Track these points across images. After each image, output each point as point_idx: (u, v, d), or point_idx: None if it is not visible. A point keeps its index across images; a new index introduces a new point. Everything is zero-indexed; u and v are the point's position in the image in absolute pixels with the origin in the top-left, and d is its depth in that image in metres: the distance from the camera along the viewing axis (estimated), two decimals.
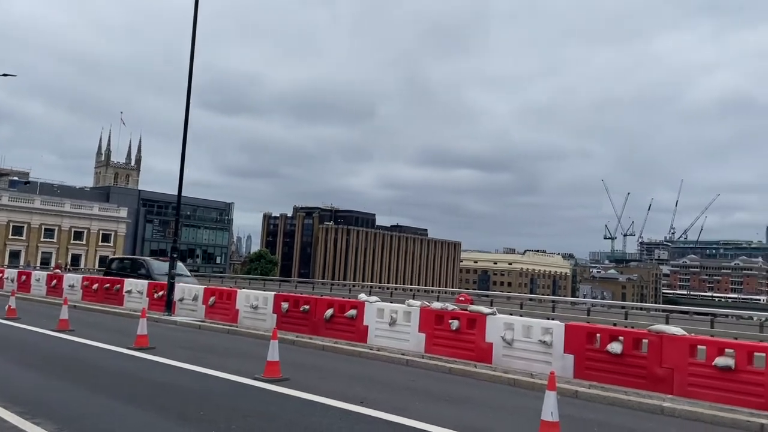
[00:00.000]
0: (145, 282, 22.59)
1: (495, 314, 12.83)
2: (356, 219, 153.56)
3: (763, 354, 9.53)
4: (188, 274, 27.95)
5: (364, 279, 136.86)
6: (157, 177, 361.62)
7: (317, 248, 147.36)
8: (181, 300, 19.96)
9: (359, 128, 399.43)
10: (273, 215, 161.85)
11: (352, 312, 14.88)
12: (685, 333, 10.58)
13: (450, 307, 13.87)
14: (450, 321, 13.11)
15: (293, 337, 15.05)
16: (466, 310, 13.59)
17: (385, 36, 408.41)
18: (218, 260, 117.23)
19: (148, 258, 29.60)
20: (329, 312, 15.34)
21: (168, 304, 19.83)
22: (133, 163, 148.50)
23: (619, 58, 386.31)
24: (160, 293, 20.72)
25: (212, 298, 18.91)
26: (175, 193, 21.59)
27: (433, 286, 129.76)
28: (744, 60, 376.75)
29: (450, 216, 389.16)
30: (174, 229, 22.22)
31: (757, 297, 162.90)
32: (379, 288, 50.49)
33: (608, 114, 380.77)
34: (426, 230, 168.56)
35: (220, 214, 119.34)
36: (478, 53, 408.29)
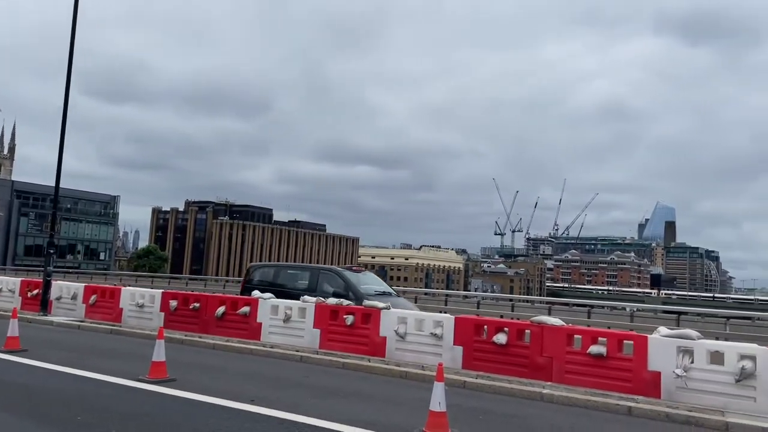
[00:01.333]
0: (17, 280, 20.87)
1: (389, 309, 13.03)
2: (253, 214, 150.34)
3: (632, 342, 10.35)
4: (394, 293, 18.37)
5: None
6: (35, 168, 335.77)
7: (211, 244, 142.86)
8: (58, 299, 18.62)
9: (257, 121, 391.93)
10: (163, 209, 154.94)
11: (246, 309, 14.55)
12: (564, 323, 11.27)
13: (345, 302, 13.93)
14: (345, 316, 13.16)
15: (182, 336, 14.49)
16: (361, 305, 13.70)
17: (284, 29, 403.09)
18: (102, 256, 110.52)
19: (339, 268, 17.77)
20: (221, 309, 14.91)
21: (44, 303, 18.43)
22: (5, 151, 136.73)
23: (509, 63, 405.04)
24: (35, 292, 19.22)
25: (93, 297, 17.80)
26: (54, 184, 20.02)
27: None
28: (620, 70, 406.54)
29: (348, 212, 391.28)
30: (51, 222, 20.68)
31: (630, 289, 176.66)
32: None
33: (499, 116, 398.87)
34: (324, 226, 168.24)
35: (104, 208, 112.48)
36: (376, 52, 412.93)
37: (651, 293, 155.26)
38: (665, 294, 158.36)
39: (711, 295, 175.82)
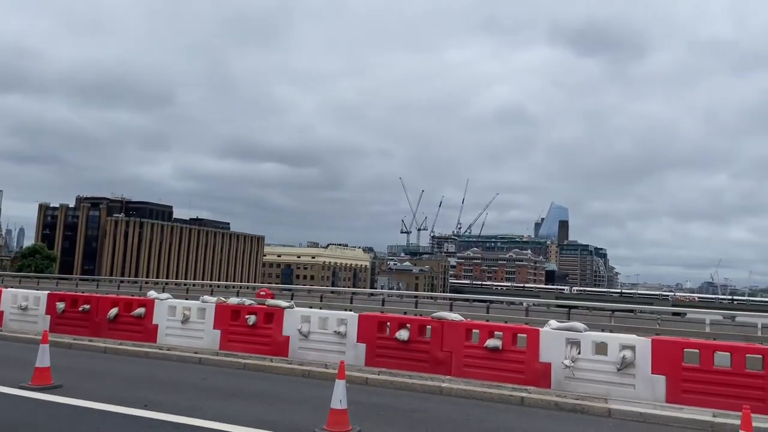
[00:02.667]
0: None
1: (293, 308, 12.91)
2: (151, 211, 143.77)
3: (525, 335, 10.86)
4: None
5: (159, 275, 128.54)
6: None
7: (105, 243, 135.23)
8: None
9: (157, 115, 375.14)
10: (52, 206, 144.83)
11: (141, 310, 13.91)
12: (463, 319, 11.64)
13: (247, 302, 13.66)
14: (247, 316, 12.89)
15: (70, 340, 13.65)
16: (264, 304, 13.49)
17: (185, 21, 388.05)
18: None
19: None
20: (114, 311, 14.16)
21: None
22: None
23: (415, 65, 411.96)
24: None
25: None
26: None
27: (235, 281, 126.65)
28: (518, 77, 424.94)
29: (254, 210, 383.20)
30: None
31: (526, 285, 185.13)
32: (175, 285, 48.06)
33: (406, 116, 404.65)
34: (228, 224, 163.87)
35: None
36: (284, 48, 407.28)
37: (563, 289, 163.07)
38: (577, 290, 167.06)
39: (618, 291, 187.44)
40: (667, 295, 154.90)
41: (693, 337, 16.69)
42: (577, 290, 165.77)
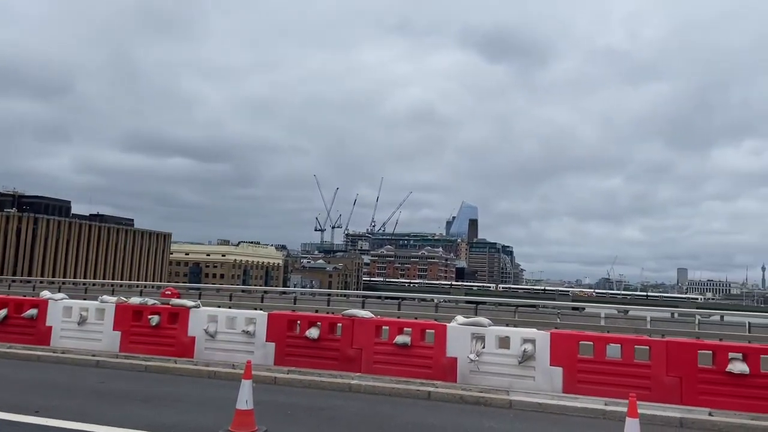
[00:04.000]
0: None
1: (199, 307, 12.54)
2: (47, 206, 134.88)
3: (433, 331, 11.11)
4: None
5: (55, 275, 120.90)
6: None
7: None
8: None
9: (55, 105, 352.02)
10: None
11: (33, 312, 13.04)
12: (373, 316, 11.74)
13: (150, 302, 13.12)
14: (150, 316, 12.39)
15: None
16: (168, 304, 13.01)
17: (87, 7, 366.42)
18: None
19: None
20: (2, 313, 13.20)
21: None
22: None
23: (329, 63, 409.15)
24: None
25: None
26: None
27: (139, 280, 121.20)
28: (431, 79, 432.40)
29: (161, 206, 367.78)
30: None
31: (438, 282, 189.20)
32: (73, 284, 45.45)
33: (320, 113, 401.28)
34: (132, 220, 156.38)
35: None
36: (193, 40, 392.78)
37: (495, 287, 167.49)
38: (502, 287, 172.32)
39: (545, 287, 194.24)
40: (568, 291, 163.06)
41: (589, 330, 17.69)
42: (503, 287, 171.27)
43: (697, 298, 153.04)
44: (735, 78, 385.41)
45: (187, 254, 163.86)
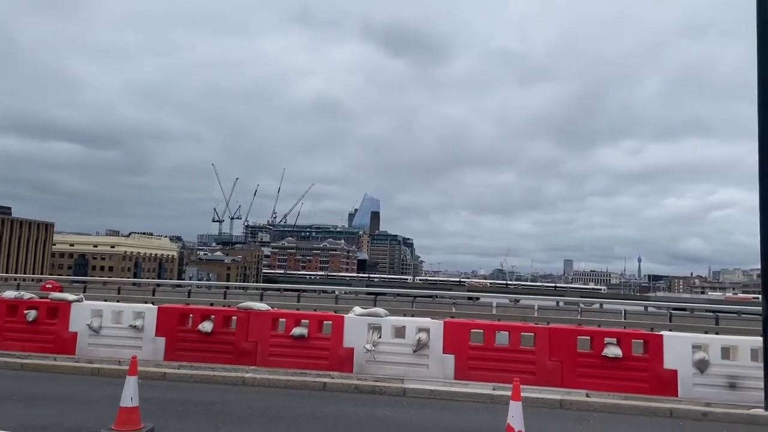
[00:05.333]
0: None
1: (82, 301, 11.83)
2: None
3: (330, 322, 11.13)
4: None
5: None
6: None
7: None
8: None
9: None
10: None
11: None
12: (270, 308, 11.58)
13: (27, 296, 12.21)
14: (26, 311, 11.56)
15: None
16: (48, 298, 12.17)
17: None
18: None
19: None
20: None
21: None
22: None
23: (228, 50, 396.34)
24: None
25: None
26: None
27: (17, 272, 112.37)
28: (332, 70, 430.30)
29: (43, 194, 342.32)
30: None
31: (339, 274, 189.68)
32: None
33: (219, 101, 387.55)
34: (9, 209, 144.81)
35: None
36: (80, 19, 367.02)
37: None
38: (421, 279, 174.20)
39: (422, 278, 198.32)
40: (464, 281, 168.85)
41: (482, 318, 18.41)
42: (420, 280, 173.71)
43: (600, 289, 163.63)
44: (616, 83, 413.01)
45: (72, 245, 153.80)
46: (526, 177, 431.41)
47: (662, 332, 10.69)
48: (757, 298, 10.08)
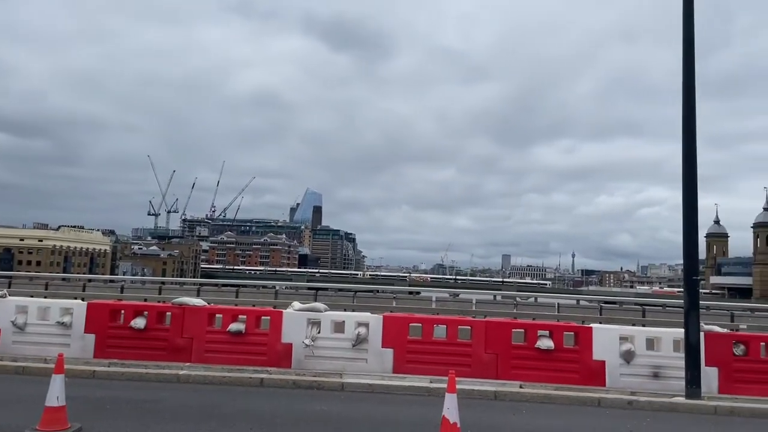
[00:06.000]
0: None
1: (5, 297, 11.29)
2: None
3: (269, 318, 11.01)
4: None
5: None
6: None
7: None
8: None
9: None
10: None
11: None
12: (206, 304, 11.35)
13: None
14: None
15: None
16: None
17: None
18: None
19: None
20: None
21: None
22: None
23: (165, 39, 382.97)
24: None
25: None
26: None
27: None
28: (273, 63, 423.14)
29: None
30: None
31: (281, 269, 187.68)
32: None
33: (155, 91, 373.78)
34: None
35: None
36: (6, 2, 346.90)
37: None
38: (371, 275, 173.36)
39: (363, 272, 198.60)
40: (405, 276, 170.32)
41: (422, 313, 18.63)
42: (370, 275, 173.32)
43: (545, 284, 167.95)
44: (552, 83, 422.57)
45: None
46: (467, 173, 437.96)
47: (592, 325, 11.11)
48: (681, 291, 10.68)
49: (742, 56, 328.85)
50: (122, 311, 11.14)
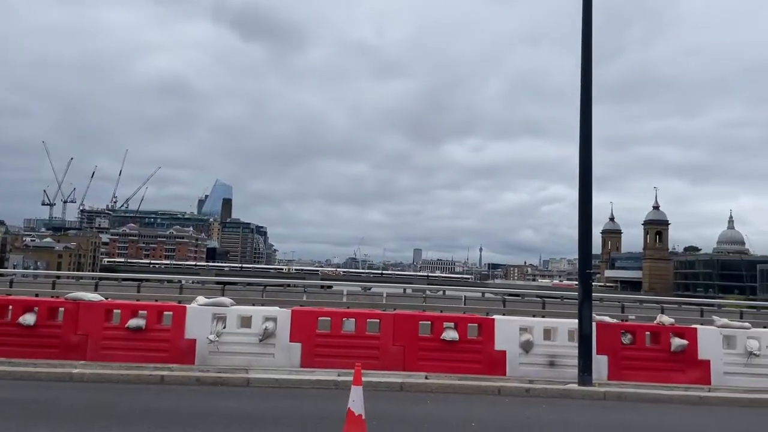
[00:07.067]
0: None
1: None
2: None
3: (171, 313, 10.63)
4: None
5: None
6: None
7: None
8: None
9: None
10: None
11: None
12: (103, 299, 10.81)
13: None
14: None
15: None
16: None
17: None
18: None
19: None
20: None
21: None
22: None
23: (62, 18, 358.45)
24: None
25: None
26: None
27: None
28: (182, 49, 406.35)
29: None
30: None
31: (187, 263, 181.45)
32: None
33: (50, 73, 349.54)
34: None
35: None
36: None
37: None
38: (296, 269, 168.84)
39: (275, 267, 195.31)
40: (317, 270, 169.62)
41: (333, 306, 18.63)
42: (295, 269, 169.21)
43: (468, 278, 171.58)
44: (462, 82, 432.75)
45: None
46: (380, 168, 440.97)
47: (495, 316, 11.52)
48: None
49: (635, 64, 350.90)
50: (10, 307, 10.39)
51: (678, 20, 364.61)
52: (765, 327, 15.85)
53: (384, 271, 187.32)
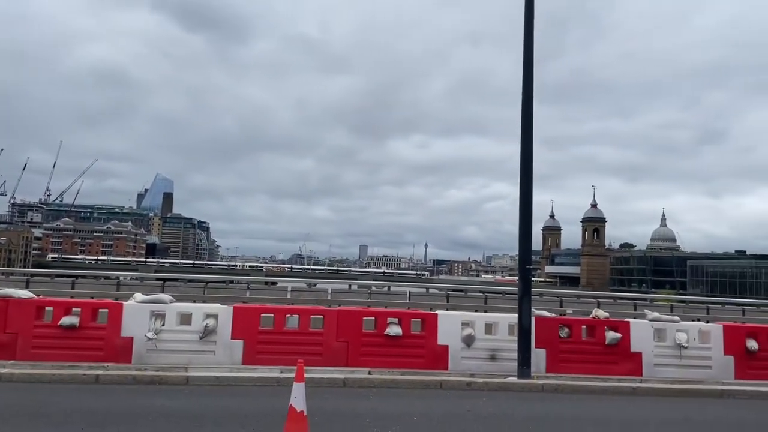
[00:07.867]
0: None
1: None
2: None
3: (107, 310, 10.29)
4: None
5: None
6: None
7: None
8: None
9: None
10: None
11: None
12: (34, 296, 10.37)
13: None
14: None
15: None
16: None
17: None
18: None
19: None
20: None
21: None
22: None
23: None
24: None
25: None
26: None
27: None
28: (120, 38, 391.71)
29: None
30: None
31: (125, 259, 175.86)
32: None
33: None
34: None
35: None
36: None
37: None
38: (250, 266, 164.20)
39: (219, 263, 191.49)
40: (262, 267, 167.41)
41: (278, 303, 18.44)
42: (250, 266, 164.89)
43: (424, 274, 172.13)
44: (408, 80, 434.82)
45: None
46: (325, 164, 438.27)
47: (437, 312, 11.67)
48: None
49: (575, 66, 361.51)
50: None
51: (616, 25, 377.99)
52: (693, 320, 16.71)
53: (361, 269, 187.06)
